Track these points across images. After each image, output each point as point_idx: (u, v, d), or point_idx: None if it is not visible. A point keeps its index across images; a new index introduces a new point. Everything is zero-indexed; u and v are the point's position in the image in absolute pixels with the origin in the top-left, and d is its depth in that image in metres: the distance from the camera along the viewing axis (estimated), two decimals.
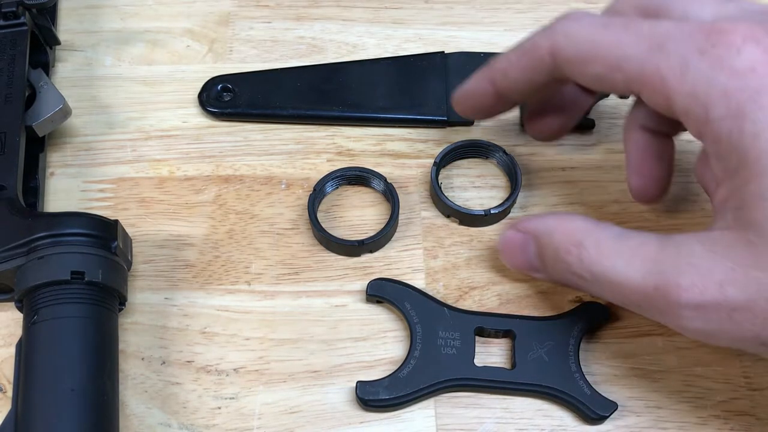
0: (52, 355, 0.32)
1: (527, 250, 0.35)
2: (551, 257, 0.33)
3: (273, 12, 0.49)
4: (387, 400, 0.35)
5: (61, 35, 0.47)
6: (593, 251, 0.31)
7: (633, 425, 0.35)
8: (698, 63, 0.27)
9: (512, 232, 0.36)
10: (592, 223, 0.32)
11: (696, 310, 0.27)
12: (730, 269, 0.27)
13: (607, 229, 0.32)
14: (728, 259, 0.27)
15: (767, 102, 0.26)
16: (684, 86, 0.28)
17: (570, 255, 0.32)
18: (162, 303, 0.38)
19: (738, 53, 0.27)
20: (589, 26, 0.31)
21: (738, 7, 0.30)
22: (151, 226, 0.41)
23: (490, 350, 0.37)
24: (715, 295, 0.27)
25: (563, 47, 0.31)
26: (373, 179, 0.41)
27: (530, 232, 0.34)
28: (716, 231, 0.28)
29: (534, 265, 0.35)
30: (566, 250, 0.32)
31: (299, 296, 0.39)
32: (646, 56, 0.29)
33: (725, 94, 0.27)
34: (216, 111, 0.44)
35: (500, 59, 0.35)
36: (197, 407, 0.36)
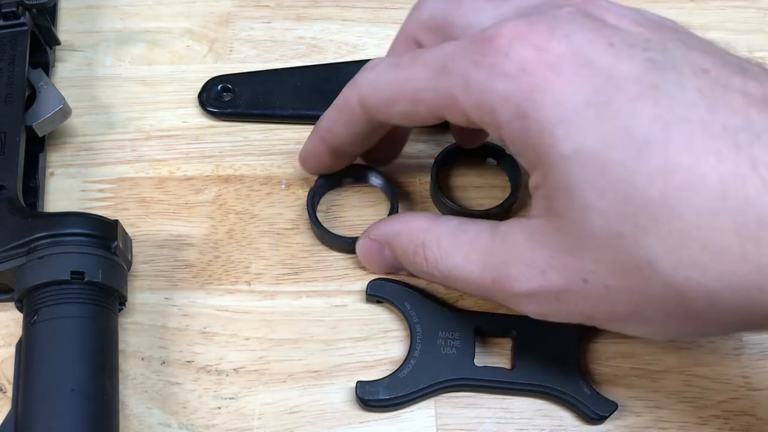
0: (52, 355, 0.32)
1: (384, 254, 0.36)
2: (405, 259, 0.35)
3: (273, 12, 0.49)
4: (387, 400, 0.35)
5: (61, 35, 0.47)
6: (435, 250, 0.33)
7: (633, 425, 0.35)
8: (476, 75, 0.28)
9: (366, 240, 0.37)
10: (432, 221, 0.34)
11: (529, 298, 0.30)
12: (548, 256, 0.29)
13: (445, 224, 0.33)
14: (546, 246, 0.29)
15: (542, 98, 0.27)
16: (470, 100, 0.29)
17: (417, 256, 0.34)
18: (162, 303, 0.38)
19: (506, 57, 0.28)
20: (385, 70, 0.32)
21: (513, 6, 0.31)
22: (151, 226, 0.41)
23: (490, 350, 0.37)
24: (541, 282, 0.29)
25: (368, 96, 0.33)
26: (371, 174, 0.41)
27: (381, 239, 0.36)
28: (534, 219, 0.30)
29: (396, 266, 0.37)
30: (414, 252, 0.34)
31: (299, 296, 0.39)
32: (436, 83, 0.30)
33: (505, 99, 0.28)
34: (216, 111, 0.44)
35: (323, 118, 0.37)
36: (197, 407, 0.36)
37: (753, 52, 0.48)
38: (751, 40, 0.48)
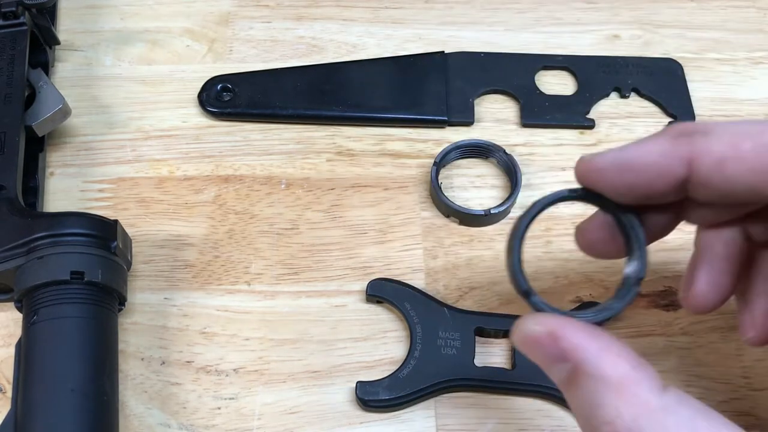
0: (52, 356, 0.32)
1: (558, 365, 0.26)
2: (584, 410, 0.25)
3: (273, 12, 0.49)
4: (387, 401, 0.35)
5: (61, 35, 0.47)
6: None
7: None
8: None
9: (543, 334, 0.26)
10: (656, 396, 0.23)
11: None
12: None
13: (677, 412, 0.23)
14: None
15: None
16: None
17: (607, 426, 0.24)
18: (162, 303, 0.38)
19: None
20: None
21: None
22: (151, 226, 0.41)
23: (490, 350, 0.37)
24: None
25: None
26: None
27: (570, 352, 0.25)
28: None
29: (559, 381, 0.26)
30: (609, 420, 0.23)
31: (299, 296, 0.39)
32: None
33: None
34: (216, 111, 0.44)
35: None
36: (197, 407, 0.36)
37: (753, 52, 0.48)
38: (751, 40, 0.48)
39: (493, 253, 0.40)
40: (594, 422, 0.24)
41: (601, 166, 0.27)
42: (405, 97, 0.44)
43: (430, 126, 0.44)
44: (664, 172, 0.26)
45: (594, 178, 0.28)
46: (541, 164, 0.43)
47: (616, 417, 0.23)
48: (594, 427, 0.24)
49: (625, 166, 0.27)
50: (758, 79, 0.46)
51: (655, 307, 0.38)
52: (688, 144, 0.26)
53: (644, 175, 0.27)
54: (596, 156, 0.27)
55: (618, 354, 0.24)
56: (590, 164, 0.28)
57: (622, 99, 0.45)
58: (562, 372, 0.25)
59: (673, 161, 0.26)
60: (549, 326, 0.26)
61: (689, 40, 0.48)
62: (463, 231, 0.41)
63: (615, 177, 0.27)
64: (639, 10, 0.49)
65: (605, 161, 0.27)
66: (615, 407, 0.23)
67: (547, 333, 0.26)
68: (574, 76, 0.46)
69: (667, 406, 0.23)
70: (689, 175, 0.26)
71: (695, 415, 0.23)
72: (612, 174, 0.27)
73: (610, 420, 0.23)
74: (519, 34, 0.48)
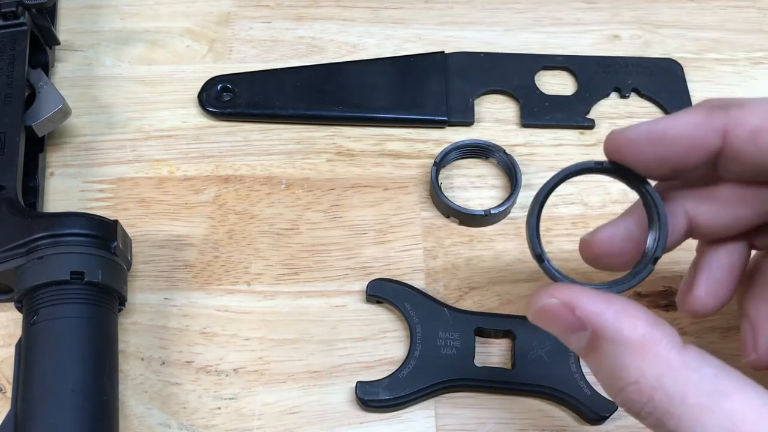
0: (52, 356, 0.32)
1: (576, 334, 0.26)
2: (607, 373, 0.25)
3: (273, 12, 0.49)
4: (387, 401, 0.35)
5: (61, 35, 0.47)
6: (674, 402, 0.23)
7: (633, 425, 0.35)
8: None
9: (559, 305, 0.26)
10: (678, 354, 0.24)
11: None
12: None
13: (700, 370, 0.23)
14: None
15: None
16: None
17: (638, 393, 0.24)
18: (162, 303, 0.38)
19: None
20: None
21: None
22: (151, 226, 0.41)
23: (490, 350, 0.37)
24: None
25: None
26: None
27: (587, 320, 0.25)
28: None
29: (579, 349, 0.26)
30: (633, 381, 0.24)
31: (299, 296, 0.39)
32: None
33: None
34: (216, 111, 0.44)
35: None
36: (197, 407, 0.36)
37: (753, 52, 0.48)
38: (751, 40, 0.48)
39: (493, 253, 0.40)
40: (619, 384, 0.24)
41: (633, 137, 0.27)
42: (405, 98, 0.44)
43: (430, 126, 0.44)
44: (698, 143, 0.26)
45: (625, 150, 0.27)
46: (541, 164, 0.43)
47: (639, 377, 0.23)
48: (620, 389, 0.24)
49: (657, 138, 0.27)
50: (758, 80, 0.46)
51: (655, 307, 0.38)
52: (723, 116, 0.26)
53: (677, 147, 0.26)
54: (628, 128, 0.27)
55: (635, 316, 0.24)
56: (621, 135, 0.27)
57: (622, 99, 0.45)
58: (582, 340, 0.25)
59: (707, 133, 0.26)
60: (564, 297, 0.25)
61: (689, 40, 0.48)
62: (463, 231, 0.41)
63: (647, 149, 0.27)
64: (639, 10, 0.49)
65: (637, 132, 0.27)
66: (638, 367, 0.23)
67: (562, 304, 0.25)
68: (574, 76, 0.46)
69: (688, 364, 0.23)
70: (722, 147, 0.26)
71: (718, 373, 0.23)
72: (644, 146, 0.27)
73: (634, 380, 0.23)
74: (519, 34, 0.48)
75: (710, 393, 0.23)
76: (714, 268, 0.30)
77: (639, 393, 0.23)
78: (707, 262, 0.30)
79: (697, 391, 0.23)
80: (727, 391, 0.23)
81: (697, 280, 0.30)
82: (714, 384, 0.23)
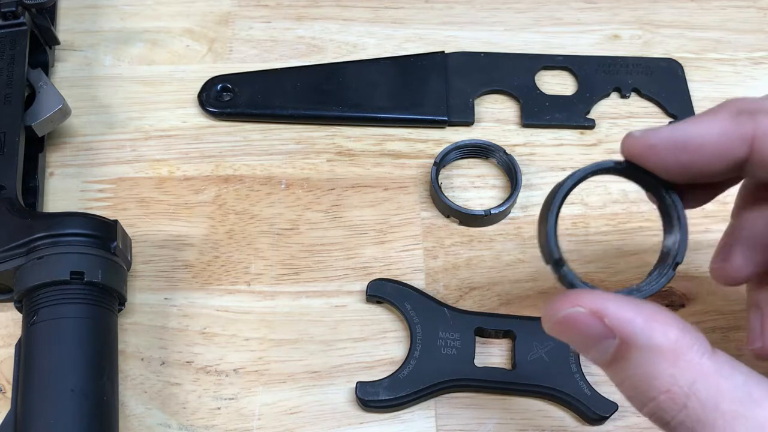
0: (52, 356, 0.32)
1: (600, 344, 0.24)
2: (636, 383, 0.24)
3: (273, 12, 0.49)
4: (387, 401, 0.35)
5: (61, 35, 0.47)
6: (708, 409, 0.22)
7: (633, 425, 0.35)
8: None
9: (585, 314, 0.24)
10: (709, 360, 0.23)
11: None
12: None
13: (732, 377, 0.23)
14: None
15: None
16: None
17: (671, 402, 0.23)
18: (162, 303, 0.38)
19: None
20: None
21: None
22: (151, 226, 0.41)
23: (490, 350, 0.37)
24: None
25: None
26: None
27: (617, 328, 0.24)
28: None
29: (602, 359, 0.25)
30: (665, 389, 0.23)
31: (299, 296, 0.39)
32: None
33: None
34: (216, 111, 0.44)
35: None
36: (197, 408, 0.36)
37: (753, 52, 0.48)
38: (751, 40, 0.48)
39: (493, 253, 0.40)
40: (650, 393, 0.23)
41: (654, 143, 0.26)
42: (405, 97, 0.44)
43: (430, 126, 0.44)
44: (724, 152, 0.25)
45: (644, 156, 0.26)
46: (541, 164, 0.43)
47: (672, 384, 0.23)
48: (651, 398, 0.23)
49: (681, 145, 0.26)
50: (758, 80, 0.46)
51: None
52: (751, 123, 0.25)
53: (701, 154, 0.26)
54: (648, 132, 0.26)
55: (666, 322, 0.23)
56: (641, 140, 0.26)
57: (622, 99, 0.45)
58: (607, 350, 0.24)
59: (735, 141, 0.25)
60: (591, 305, 0.24)
61: (689, 40, 0.48)
62: (463, 231, 0.41)
63: (668, 156, 0.26)
64: (639, 10, 0.49)
65: (659, 138, 0.26)
66: (671, 375, 0.23)
67: (589, 312, 0.24)
68: (574, 76, 0.46)
69: (720, 370, 0.23)
70: (749, 155, 0.25)
71: (748, 380, 0.23)
72: (665, 152, 0.26)
73: (667, 388, 0.23)
74: (519, 34, 0.48)
75: (742, 400, 0.22)
76: (752, 236, 0.29)
77: (672, 401, 0.23)
78: (744, 230, 0.29)
79: (729, 398, 0.22)
80: (759, 398, 0.22)
81: (734, 248, 0.29)
82: (745, 391, 0.22)
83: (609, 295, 0.24)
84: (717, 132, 0.25)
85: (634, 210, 0.41)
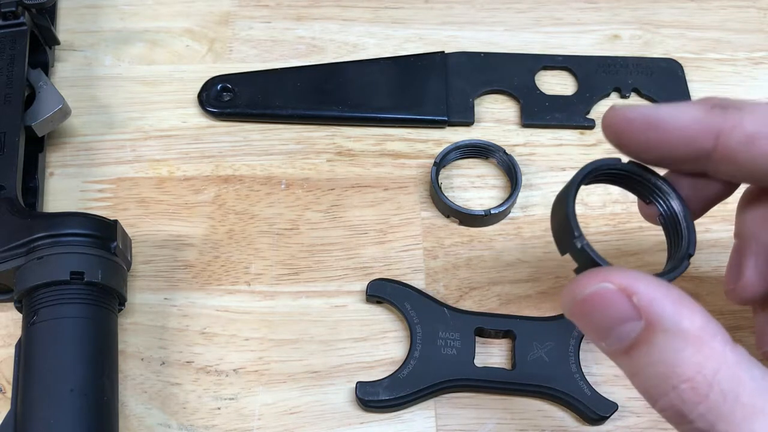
0: (52, 356, 0.32)
1: (622, 327, 0.23)
2: (656, 371, 0.22)
3: (273, 12, 0.49)
4: (387, 401, 0.35)
5: (61, 35, 0.47)
6: (728, 401, 0.22)
7: (633, 426, 0.35)
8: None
9: (614, 292, 0.23)
10: (731, 351, 0.22)
11: None
12: None
13: (750, 370, 0.22)
14: None
15: None
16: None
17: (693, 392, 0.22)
18: (162, 303, 0.38)
19: None
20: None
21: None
22: (151, 227, 0.41)
23: (490, 351, 0.37)
24: None
25: None
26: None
27: (645, 308, 0.22)
28: None
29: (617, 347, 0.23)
30: (689, 377, 0.22)
31: (299, 296, 0.39)
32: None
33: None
34: (216, 111, 0.44)
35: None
36: (197, 408, 0.36)
37: (753, 53, 0.48)
38: (751, 40, 0.48)
39: (493, 253, 0.40)
40: (672, 382, 0.22)
41: (631, 117, 0.27)
42: (405, 97, 0.44)
43: (430, 126, 0.44)
44: (691, 139, 0.26)
45: (620, 128, 0.27)
46: (541, 164, 0.43)
47: (696, 373, 0.22)
48: (671, 387, 0.22)
49: (654, 123, 0.26)
50: (758, 80, 0.46)
51: None
52: (722, 116, 0.26)
53: (670, 137, 0.26)
54: (628, 107, 0.27)
55: (692, 307, 0.22)
56: (620, 113, 0.27)
57: (622, 99, 0.45)
58: (628, 334, 0.23)
59: (702, 131, 0.26)
60: (621, 281, 0.23)
61: (689, 40, 0.48)
62: (463, 231, 0.41)
63: (641, 131, 0.27)
64: (639, 10, 0.49)
65: (636, 113, 0.27)
66: (696, 362, 0.22)
67: (619, 290, 0.23)
68: (574, 76, 0.46)
69: (740, 362, 0.22)
70: (714, 148, 0.26)
71: (764, 375, 0.22)
72: (639, 126, 0.27)
73: (690, 376, 0.22)
74: (519, 34, 0.48)
75: (761, 394, 0.21)
76: (759, 248, 0.29)
77: (694, 392, 0.21)
78: (750, 244, 0.29)
79: (749, 391, 0.21)
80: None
81: (744, 264, 0.29)
82: (764, 386, 0.22)
83: (638, 274, 0.23)
84: (689, 118, 0.26)
85: (634, 210, 0.41)
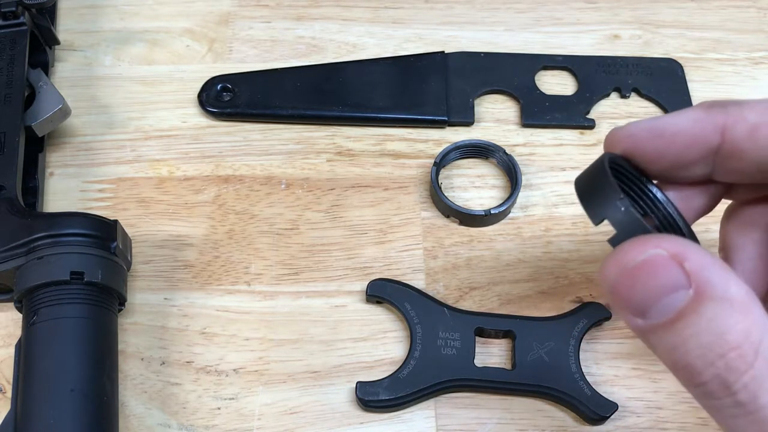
0: (52, 356, 0.32)
1: (669, 297, 0.22)
2: (701, 341, 0.21)
3: (273, 12, 0.49)
4: (387, 401, 0.35)
5: (61, 35, 0.47)
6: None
7: (633, 426, 0.35)
8: None
9: (666, 258, 0.22)
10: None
11: None
12: None
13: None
14: None
15: None
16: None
17: (740, 360, 0.21)
18: (162, 303, 0.38)
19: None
20: None
21: None
22: (151, 227, 0.41)
23: (490, 350, 0.37)
24: None
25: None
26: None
27: (697, 275, 0.22)
28: None
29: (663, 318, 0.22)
30: (736, 345, 0.21)
31: (299, 296, 0.39)
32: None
33: None
34: (215, 111, 0.44)
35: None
36: (197, 408, 0.36)
37: (753, 52, 0.48)
38: (752, 40, 0.48)
39: (493, 253, 0.40)
40: (720, 350, 0.21)
41: (634, 132, 0.27)
42: (405, 97, 0.44)
43: (430, 126, 0.44)
44: (697, 139, 0.27)
45: (625, 144, 0.28)
46: (541, 164, 0.43)
47: (744, 341, 0.21)
48: (719, 356, 0.21)
49: (659, 131, 0.27)
50: (758, 80, 0.46)
51: None
52: (723, 113, 0.26)
53: (677, 141, 0.27)
54: (629, 124, 0.28)
55: (735, 276, 0.22)
56: (622, 131, 0.28)
57: (622, 99, 0.45)
58: (676, 304, 0.21)
59: (707, 128, 0.26)
60: (672, 247, 0.22)
61: (689, 40, 0.48)
62: (463, 231, 0.41)
63: (647, 143, 0.27)
64: (639, 10, 0.49)
65: (639, 127, 0.27)
66: (743, 329, 0.21)
67: (670, 255, 0.22)
68: (574, 76, 0.46)
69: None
70: (721, 144, 0.26)
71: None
72: (644, 140, 0.27)
73: (737, 344, 0.21)
74: (519, 34, 0.48)
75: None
76: (743, 261, 0.29)
77: (742, 359, 0.21)
78: (735, 256, 0.29)
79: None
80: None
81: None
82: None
83: (686, 241, 0.22)
84: (691, 120, 0.27)
85: None
